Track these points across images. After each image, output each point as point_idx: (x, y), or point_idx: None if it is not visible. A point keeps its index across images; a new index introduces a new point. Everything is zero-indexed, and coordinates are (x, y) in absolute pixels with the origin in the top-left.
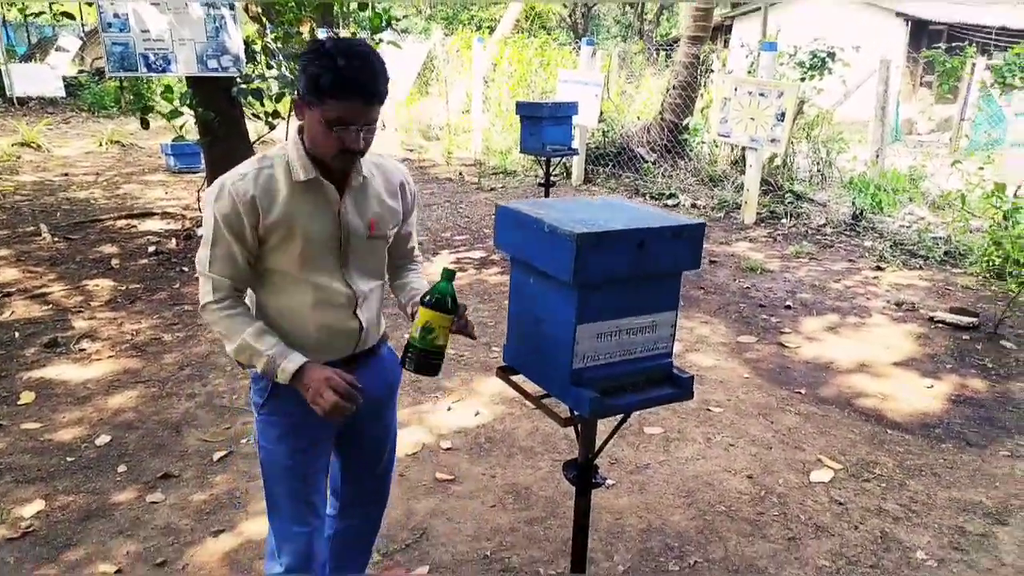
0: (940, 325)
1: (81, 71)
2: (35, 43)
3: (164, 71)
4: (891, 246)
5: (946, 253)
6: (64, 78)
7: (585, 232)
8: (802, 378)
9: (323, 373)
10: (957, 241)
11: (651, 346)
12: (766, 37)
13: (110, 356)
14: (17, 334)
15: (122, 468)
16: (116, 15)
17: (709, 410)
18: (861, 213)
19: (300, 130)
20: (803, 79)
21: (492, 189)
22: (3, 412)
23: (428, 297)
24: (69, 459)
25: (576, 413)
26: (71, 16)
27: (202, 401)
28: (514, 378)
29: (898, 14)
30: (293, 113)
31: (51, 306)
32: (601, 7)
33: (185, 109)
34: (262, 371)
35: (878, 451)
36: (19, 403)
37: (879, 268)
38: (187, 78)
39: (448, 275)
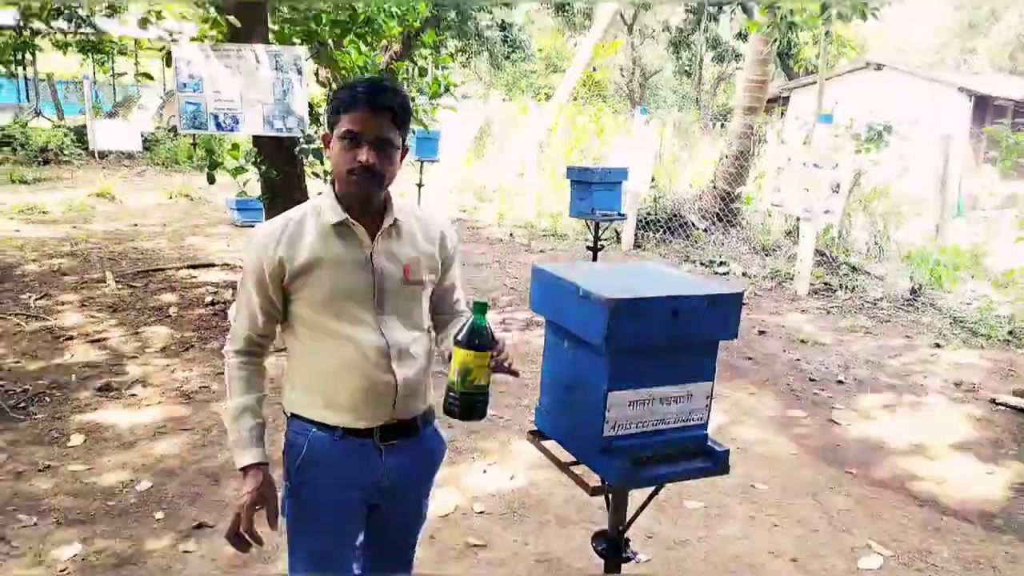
0: (1002, 408)
1: (159, 127)
2: (119, 101)
3: (232, 130)
4: (951, 323)
5: (1010, 332)
6: (142, 134)
7: (618, 298)
8: (853, 457)
9: (245, 499)
10: (1022, 320)
11: (685, 416)
12: (822, 109)
13: (159, 402)
14: (74, 376)
15: (159, 515)
16: (191, 76)
17: (754, 487)
18: (920, 288)
19: (332, 181)
20: (859, 151)
21: (542, 251)
22: (53, 453)
23: (461, 335)
24: (110, 503)
25: (606, 483)
26: (150, 77)
27: None
28: (545, 443)
29: (960, 89)
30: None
31: (108, 351)
32: (659, 77)
33: (250, 166)
34: (230, 446)
35: (932, 539)
36: (68, 445)
37: (938, 346)
38: (253, 137)
39: (480, 308)
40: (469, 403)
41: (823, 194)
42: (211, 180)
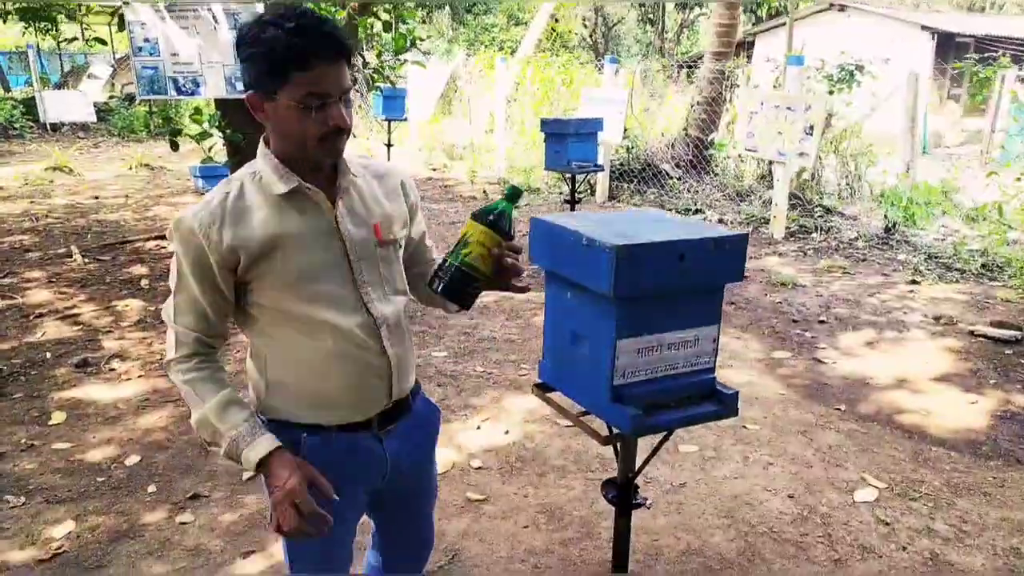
0: (981, 339)
1: (112, 97)
2: (68, 71)
3: (193, 94)
4: (926, 259)
5: (983, 266)
6: (95, 104)
7: (625, 244)
8: (840, 394)
9: (291, 482)
10: (994, 253)
11: (693, 361)
12: (791, 51)
13: (140, 376)
14: (48, 354)
15: (152, 488)
16: (146, 39)
17: (745, 427)
18: (894, 226)
19: (266, 140)
20: (831, 92)
21: (517, 207)
22: (35, 432)
23: (480, 209)
24: (99, 479)
25: (616, 431)
26: (103, 42)
27: None
28: (550, 395)
29: (923, 27)
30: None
31: (82, 327)
32: (621, 27)
33: (214, 131)
34: (225, 455)
35: (923, 469)
36: (50, 423)
37: (915, 282)
38: (215, 100)
39: (512, 193)
40: (459, 281)
41: (796, 136)
42: (175, 147)
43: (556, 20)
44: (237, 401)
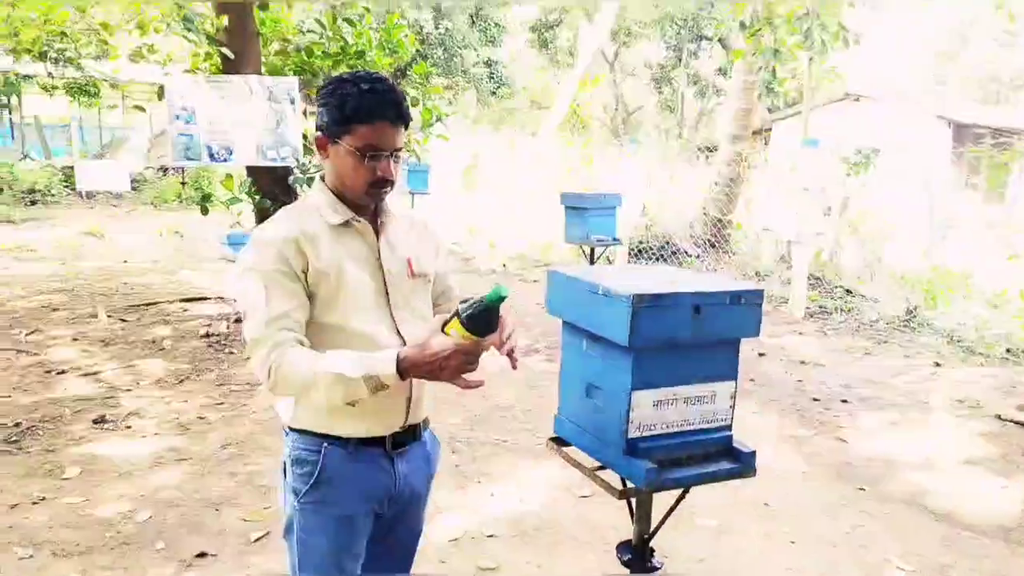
0: (1009, 423)
1: (147, 168)
2: (107, 143)
3: (225, 160)
4: (948, 342)
5: (1008, 350)
6: (130, 174)
7: (641, 293)
8: (864, 474)
9: (424, 349)
10: (1020, 339)
11: (710, 417)
12: (807, 135)
13: (156, 433)
14: (67, 410)
15: (160, 545)
16: (184, 108)
17: (767, 504)
18: (914, 309)
19: (323, 177)
20: (848, 175)
21: (536, 280)
22: (48, 486)
23: (464, 306)
24: (108, 534)
25: (631, 486)
26: (142, 109)
27: (243, 480)
28: (566, 450)
29: (939, 117)
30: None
31: (102, 384)
32: (640, 113)
33: (243, 196)
34: (370, 393)
35: (952, 554)
36: (64, 477)
37: (938, 364)
38: (247, 168)
39: (496, 295)
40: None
41: (814, 217)
42: (204, 212)
43: (578, 104)
44: (341, 351)
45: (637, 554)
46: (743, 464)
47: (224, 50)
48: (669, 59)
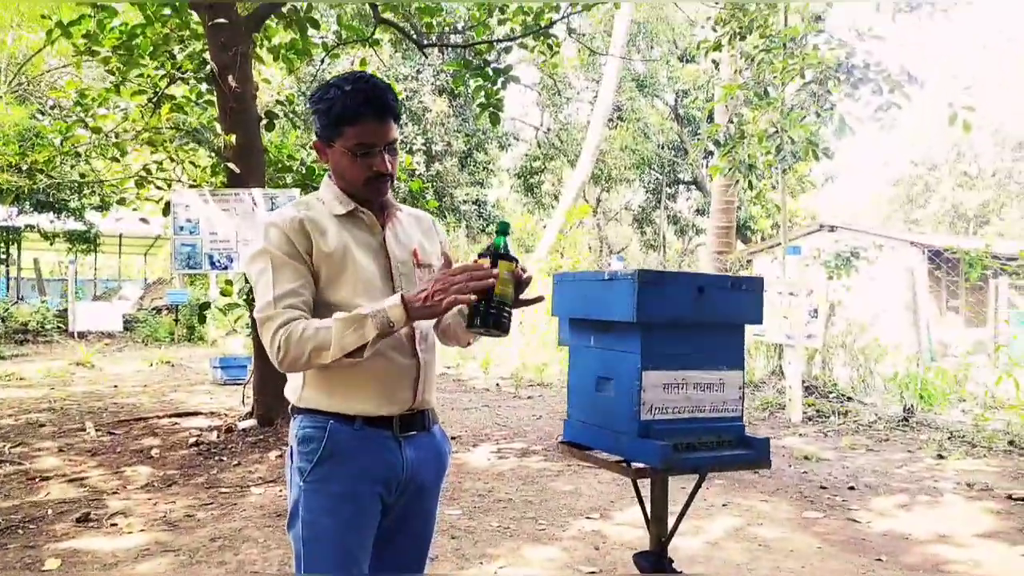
0: (1021, 502)
1: (140, 310)
2: (100, 294)
3: (226, 268)
4: (949, 438)
5: (1011, 442)
6: (124, 315)
7: (645, 270)
8: (880, 548)
9: (426, 285)
10: (1019, 433)
11: (720, 406)
12: (788, 243)
13: (141, 530)
14: (50, 511)
15: None
16: (188, 219)
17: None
18: (912, 408)
19: (329, 176)
20: (830, 277)
21: (530, 397)
22: None
23: (484, 250)
24: None
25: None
26: (146, 221)
27: (232, 568)
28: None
29: (912, 243)
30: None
31: (87, 489)
32: (624, 254)
33: (241, 302)
34: (377, 331)
35: None
36: (43, 569)
37: (941, 456)
38: (245, 275)
39: (502, 228)
40: (495, 314)
41: (802, 320)
42: (202, 320)
43: (561, 255)
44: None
45: (656, 560)
46: (758, 451)
47: (231, 165)
48: (649, 202)
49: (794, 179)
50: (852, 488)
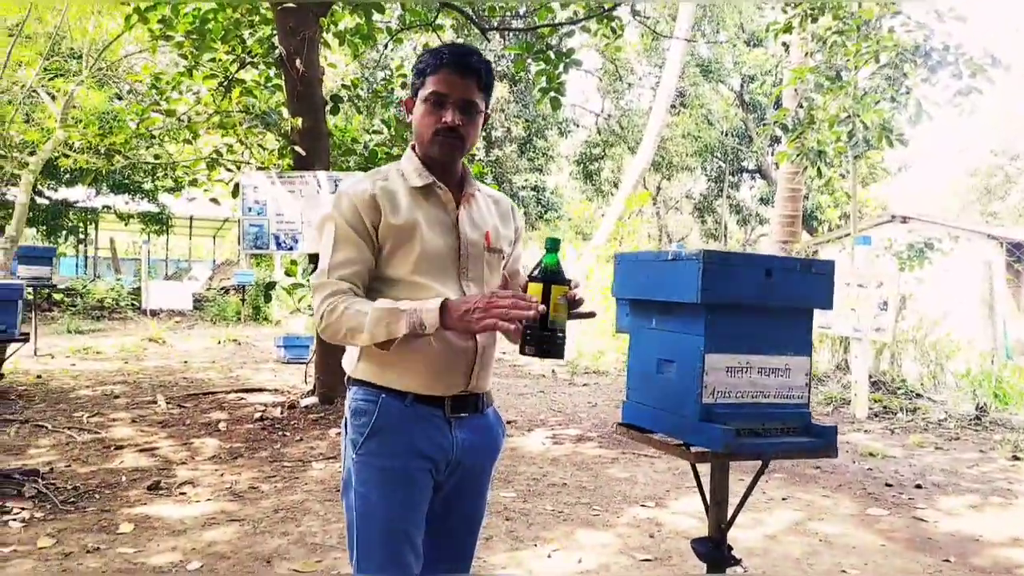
0: None
1: (209, 289)
2: (172, 273)
3: (291, 249)
4: None
5: None
6: (193, 294)
7: (711, 251)
8: (949, 548)
9: (470, 299)
10: None
11: (785, 392)
12: (857, 232)
13: (208, 499)
14: (124, 478)
15: None
16: (256, 201)
17: (844, 572)
18: (984, 407)
19: (412, 147)
20: (902, 269)
21: (585, 385)
22: (102, 539)
23: (536, 271)
24: None
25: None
26: (217, 202)
27: (295, 539)
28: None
29: (990, 236)
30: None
31: (158, 458)
32: (684, 243)
33: (305, 282)
34: (408, 329)
35: None
36: (118, 532)
37: (1016, 458)
38: (309, 255)
39: (552, 245)
40: (549, 339)
41: (871, 312)
42: (268, 299)
43: (620, 243)
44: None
45: (715, 544)
46: (825, 440)
47: (297, 148)
48: (711, 190)
49: (865, 167)
50: (919, 487)
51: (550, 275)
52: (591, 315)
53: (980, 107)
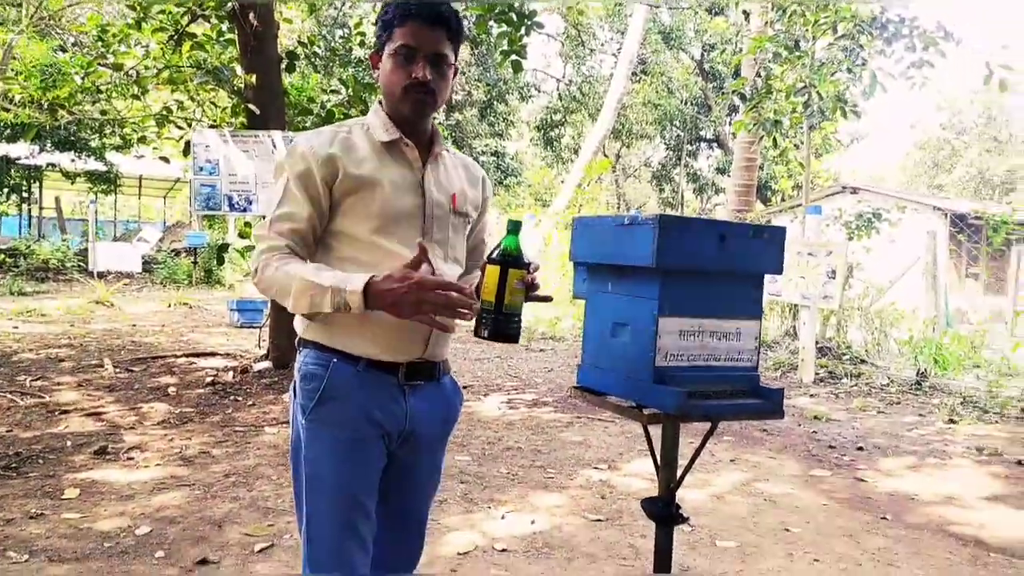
0: None
1: (159, 251)
2: (120, 235)
3: (245, 210)
4: (961, 403)
5: (1023, 410)
6: (143, 256)
7: (666, 214)
8: (886, 507)
9: (399, 274)
10: None
11: (735, 356)
12: (808, 202)
13: (157, 464)
14: (69, 443)
15: (160, 554)
16: (208, 160)
17: (788, 530)
18: (925, 372)
19: (380, 102)
20: (850, 237)
21: (542, 350)
22: (46, 504)
23: (494, 253)
24: (107, 544)
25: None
26: (166, 160)
27: (246, 503)
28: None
29: (936, 208)
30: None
31: (105, 423)
32: (642, 211)
33: None
34: (332, 308)
35: (982, 572)
36: (63, 497)
37: (952, 421)
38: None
39: (513, 227)
40: (504, 323)
41: (819, 281)
42: (220, 261)
43: (580, 209)
44: (327, 267)
45: (663, 505)
46: (772, 402)
47: (251, 106)
48: (669, 159)
49: (819, 138)
50: (861, 448)
51: (509, 259)
52: (548, 299)
53: (931, 80)
